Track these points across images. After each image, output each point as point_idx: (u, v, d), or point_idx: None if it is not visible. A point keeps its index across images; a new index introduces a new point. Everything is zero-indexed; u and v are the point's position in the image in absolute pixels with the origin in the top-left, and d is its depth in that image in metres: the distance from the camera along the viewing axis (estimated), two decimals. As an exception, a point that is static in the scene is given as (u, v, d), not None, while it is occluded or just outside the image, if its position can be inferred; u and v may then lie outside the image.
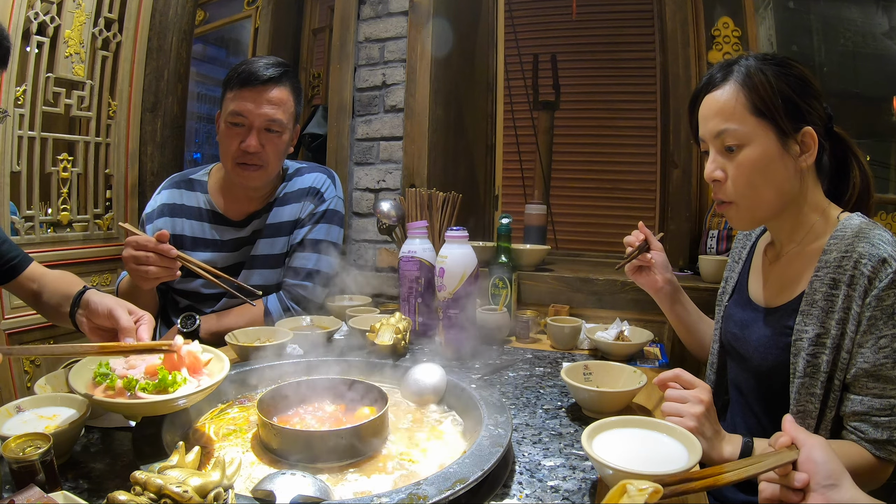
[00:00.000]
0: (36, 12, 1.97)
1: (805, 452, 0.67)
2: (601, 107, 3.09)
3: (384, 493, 0.66)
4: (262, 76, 1.45)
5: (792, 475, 0.67)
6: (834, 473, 0.66)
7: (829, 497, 0.65)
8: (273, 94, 1.47)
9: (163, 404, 0.79)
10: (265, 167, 1.51)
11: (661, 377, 0.96)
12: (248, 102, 1.45)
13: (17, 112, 1.97)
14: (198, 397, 0.82)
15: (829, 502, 0.64)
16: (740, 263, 1.22)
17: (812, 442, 0.68)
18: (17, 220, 2.02)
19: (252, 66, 1.46)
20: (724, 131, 1.00)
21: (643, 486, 0.60)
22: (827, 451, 0.67)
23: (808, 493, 0.66)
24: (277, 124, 1.48)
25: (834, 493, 0.65)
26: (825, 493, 0.65)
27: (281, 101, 1.48)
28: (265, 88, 1.46)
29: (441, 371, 1.04)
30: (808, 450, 0.67)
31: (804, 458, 0.67)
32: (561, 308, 1.79)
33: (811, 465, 0.66)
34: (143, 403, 0.78)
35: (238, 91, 1.46)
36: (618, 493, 0.61)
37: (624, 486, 0.61)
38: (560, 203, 3.10)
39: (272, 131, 1.49)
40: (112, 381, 0.82)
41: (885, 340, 0.88)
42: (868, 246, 0.91)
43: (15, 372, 2.00)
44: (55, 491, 0.64)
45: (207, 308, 1.61)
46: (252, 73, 1.45)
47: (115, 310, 0.98)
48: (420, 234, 1.53)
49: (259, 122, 1.46)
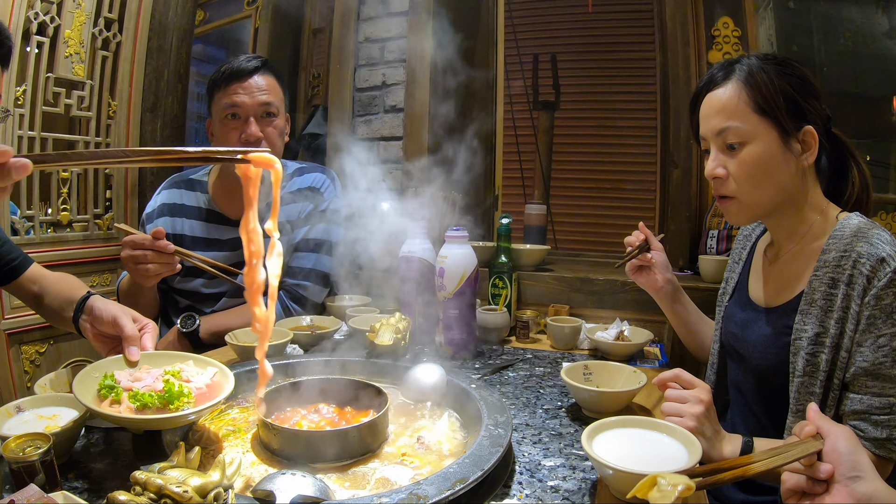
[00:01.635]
0: (36, 12, 1.97)
1: (830, 443, 0.66)
2: (601, 107, 3.08)
3: (384, 493, 0.67)
4: (247, 68, 1.53)
5: (816, 466, 0.65)
6: (858, 465, 0.64)
7: (852, 489, 0.63)
8: (261, 81, 1.54)
9: (169, 420, 0.79)
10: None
11: (661, 377, 0.96)
12: (241, 93, 1.51)
13: (17, 112, 1.97)
14: (204, 414, 0.82)
15: (852, 495, 0.63)
16: (740, 264, 1.23)
17: (837, 432, 0.67)
18: (17, 220, 2.02)
19: (234, 63, 1.54)
20: (727, 129, 1.00)
21: (676, 481, 0.59)
22: (852, 442, 0.66)
23: (832, 485, 0.64)
24: (272, 107, 1.55)
25: (858, 486, 0.63)
26: (849, 485, 0.63)
27: (270, 86, 1.56)
28: (252, 78, 1.53)
29: (441, 371, 1.04)
30: (832, 440, 0.66)
31: (829, 448, 0.65)
32: (561, 308, 1.79)
33: (836, 455, 0.65)
34: (150, 420, 0.78)
35: (227, 87, 1.52)
36: (647, 485, 0.60)
37: (655, 478, 0.60)
38: (560, 203, 3.09)
39: (268, 115, 1.55)
40: (118, 395, 0.82)
41: (883, 339, 0.88)
42: (867, 245, 0.91)
43: (15, 372, 2.00)
44: (55, 491, 0.64)
45: (207, 308, 1.61)
46: (237, 68, 1.52)
47: (119, 318, 0.98)
48: (420, 234, 1.53)
49: (255, 110, 1.52)
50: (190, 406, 0.82)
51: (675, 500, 0.58)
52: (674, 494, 0.58)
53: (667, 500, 0.58)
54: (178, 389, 0.83)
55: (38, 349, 2.08)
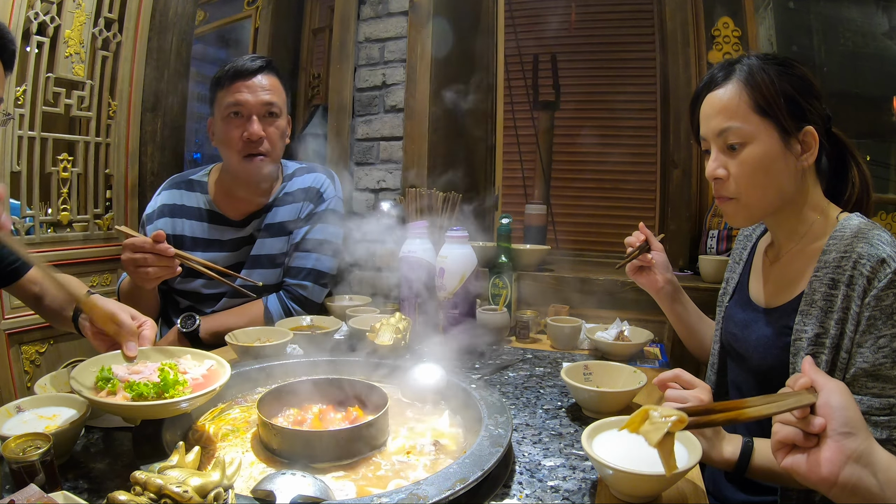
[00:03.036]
0: (36, 12, 1.97)
1: (823, 396, 0.65)
2: (601, 107, 3.08)
3: (384, 493, 0.67)
4: (250, 67, 1.53)
5: (809, 419, 0.64)
6: (851, 421, 0.63)
7: (843, 445, 0.62)
8: (264, 80, 1.54)
9: (164, 407, 0.79)
10: (270, 153, 1.56)
11: (661, 377, 0.96)
12: (244, 92, 1.52)
13: (18, 112, 1.97)
14: (200, 401, 0.82)
15: (843, 451, 0.62)
16: (741, 264, 1.23)
17: (831, 386, 0.66)
18: (18, 220, 2.02)
19: (238, 62, 1.54)
20: (727, 129, 1.00)
21: (668, 412, 0.58)
22: (846, 397, 0.65)
23: (823, 440, 0.63)
24: (275, 107, 1.55)
25: (849, 442, 0.62)
26: (840, 440, 0.62)
27: (273, 86, 1.56)
28: (256, 77, 1.53)
29: (441, 371, 1.04)
30: (826, 394, 0.65)
31: (822, 402, 0.64)
32: (561, 308, 1.79)
33: (828, 410, 0.64)
34: (144, 406, 0.78)
35: (230, 85, 1.52)
36: (639, 418, 0.59)
37: (646, 411, 0.59)
38: (560, 203, 3.09)
39: (271, 115, 1.55)
40: (114, 387, 0.82)
41: (884, 340, 0.88)
42: (867, 246, 0.91)
43: (15, 372, 2.00)
44: (55, 491, 0.64)
45: (207, 308, 1.61)
46: (241, 67, 1.53)
47: (117, 314, 0.99)
48: (420, 234, 1.53)
49: (257, 109, 1.52)
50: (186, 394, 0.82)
51: (668, 431, 0.57)
52: (666, 426, 0.57)
53: (659, 433, 0.57)
54: (173, 378, 0.83)
55: (38, 349, 2.08)
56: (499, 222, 1.67)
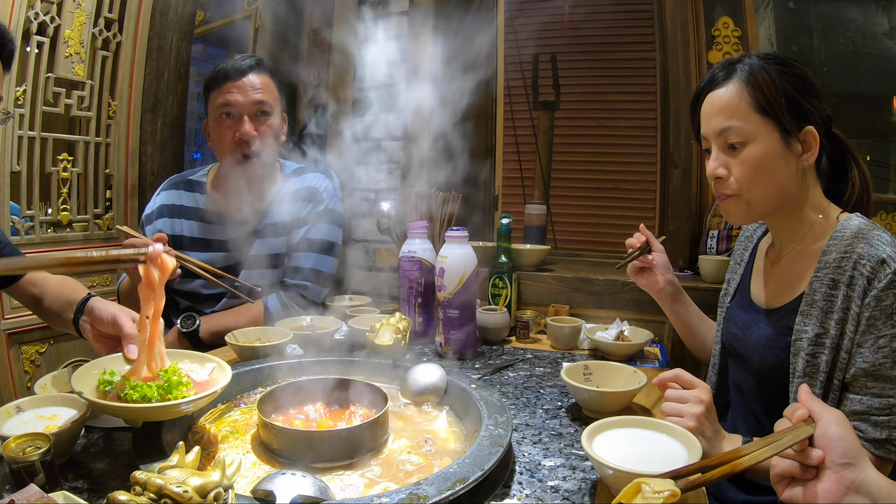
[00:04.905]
0: (36, 12, 1.97)
1: (822, 427, 0.64)
2: (601, 107, 3.08)
3: (384, 493, 0.66)
4: (241, 67, 1.54)
5: (807, 451, 0.64)
6: (849, 451, 0.63)
7: (843, 476, 0.62)
8: (255, 80, 1.55)
9: (166, 410, 0.79)
10: (262, 153, 1.56)
11: (661, 377, 0.96)
12: (235, 92, 1.52)
13: (18, 112, 1.97)
14: (201, 403, 0.82)
15: (842, 481, 0.62)
16: (742, 265, 1.23)
17: (829, 416, 0.65)
18: (17, 220, 2.02)
19: (229, 63, 1.55)
20: (728, 129, 1.00)
21: (661, 486, 0.57)
22: (844, 427, 0.64)
23: (823, 471, 0.63)
24: (266, 106, 1.55)
25: (848, 472, 0.62)
26: (839, 471, 0.62)
27: (264, 85, 1.56)
28: (247, 76, 1.54)
29: (441, 371, 1.04)
30: (824, 424, 0.64)
31: (820, 433, 0.64)
32: (561, 308, 1.79)
33: (827, 441, 0.63)
34: (146, 408, 0.78)
35: (221, 86, 1.53)
36: (632, 491, 0.58)
37: (638, 485, 0.59)
38: (560, 203, 3.09)
39: (263, 114, 1.55)
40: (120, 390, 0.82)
41: (884, 340, 0.88)
42: (867, 247, 0.91)
43: (15, 372, 2.00)
44: (55, 491, 0.64)
45: (207, 308, 1.61)
46: (232, 67, 1.53)
47: (118, 317, 0.99)
48: (420, 234, 1.53)
49: (249, 109, 1.53)
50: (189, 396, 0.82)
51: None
52: (659, 501, 0.57)
53: None
54: (177, 379, 0.83)
55: (38, 349, 2.08)
56: (499, 222, 1.67)
